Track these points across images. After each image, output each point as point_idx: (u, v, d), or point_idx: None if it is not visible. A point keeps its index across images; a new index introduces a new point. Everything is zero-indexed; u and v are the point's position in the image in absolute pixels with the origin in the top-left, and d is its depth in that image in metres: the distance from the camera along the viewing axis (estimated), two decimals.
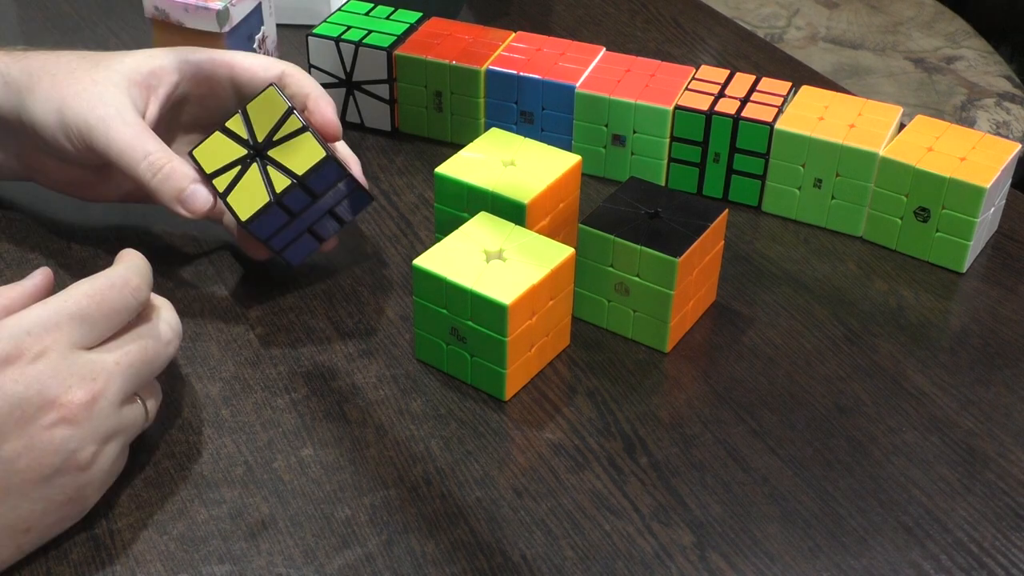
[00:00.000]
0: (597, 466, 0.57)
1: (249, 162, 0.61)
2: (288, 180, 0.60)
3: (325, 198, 0.62)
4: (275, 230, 0.62)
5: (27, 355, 0.48)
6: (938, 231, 0.69)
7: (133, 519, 0.53)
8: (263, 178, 0.61)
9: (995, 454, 0.58)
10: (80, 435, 0.49)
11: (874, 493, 0.56)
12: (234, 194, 0.61)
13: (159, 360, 0.53)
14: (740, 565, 0.52)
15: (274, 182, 0.61)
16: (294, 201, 0.61)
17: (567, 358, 0.63)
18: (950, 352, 0.64)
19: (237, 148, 0.62)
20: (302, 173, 0.60)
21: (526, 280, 0.58)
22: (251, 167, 0.61)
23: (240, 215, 0.61)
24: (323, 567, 0.52)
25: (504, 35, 0.80)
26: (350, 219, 0.65)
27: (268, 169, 0.61)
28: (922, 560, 0.53)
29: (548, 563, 0.52)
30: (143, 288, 0.53)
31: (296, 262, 0.65)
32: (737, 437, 0.58)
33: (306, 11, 0.94)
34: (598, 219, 0.62)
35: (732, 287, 0.68)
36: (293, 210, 0.62)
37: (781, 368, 0.63)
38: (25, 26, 0.95)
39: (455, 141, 0.80)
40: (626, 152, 0.76)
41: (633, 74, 0.76)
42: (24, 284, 0.54)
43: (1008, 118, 1.33)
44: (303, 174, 0.60)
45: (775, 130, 0.71)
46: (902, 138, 0.70)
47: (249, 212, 0.61)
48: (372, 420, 0.59)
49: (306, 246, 0.65)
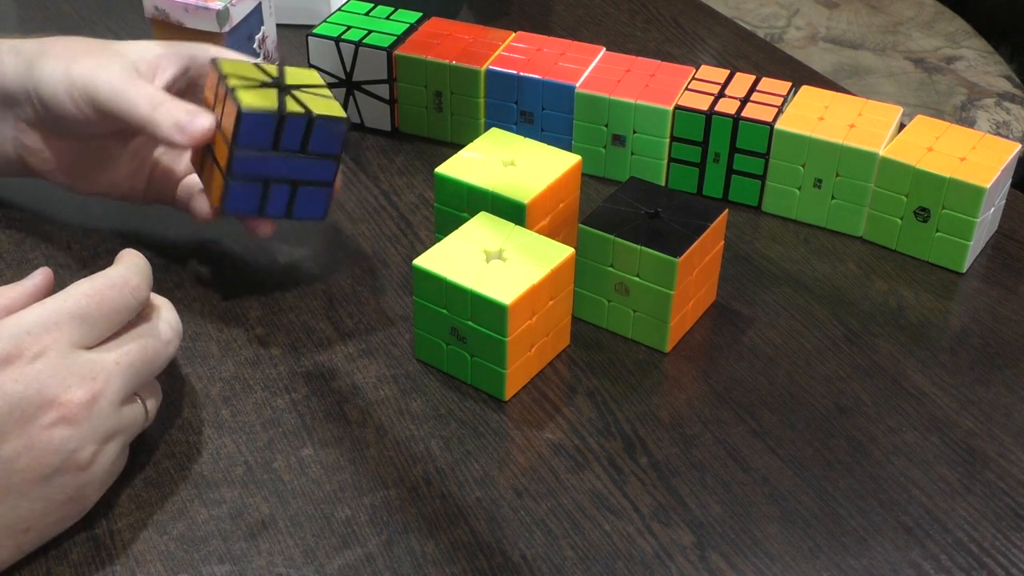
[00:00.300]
0: (597, 466, 0.57)
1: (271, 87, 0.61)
2: (302, 109, 0.60)
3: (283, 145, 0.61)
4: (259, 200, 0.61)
5: (27, 355, 0.48)
6: (938, 231, 0.69)
7: (133, 519, 0.53)
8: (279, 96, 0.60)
9: (995, 454, 0.58)
10: (80, 435, 0.49)
11: (874, 493, 0.56)
12: (203, 177, 0.62)
13: (159, 360, 0.53)
14: (740, 565, 0.52)
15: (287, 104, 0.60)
16: (247, 165, 0.60)
17: (567, 358, 0.63)
18: (950, 352, 0.64)
19: (262, 75, 0.62)
20: (316, 114, 0.60)
21: (526, 280, 0.58)
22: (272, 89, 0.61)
23: (212, 202, 0.61)
24: (323, 567, 0.52)
25: (504, 35, 0.80)
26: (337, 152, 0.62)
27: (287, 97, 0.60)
28: (922, 560, 0.53)
29: (548, 563, 0.52)
30: (143, 288, 0.53)
31: (319, 215, 0.63)
32: (737, 437, 0.58)
33: (306, 11, 0.94)
34: (598, 219, 0.62)
35: (732, 287, 0.68)
36: (255, 173, 0.60)
37: (781, 368, 0.63)
38: (25, 26, 0.95)
39: (455, 141, 0.80)
40: (626, 152, 0.76)
41: (633, 74, 0.76)
42: (24, 284, 0.54)
43: (1008, 118, 1.33)
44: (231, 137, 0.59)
45: (775, 130, 0.71)
46: (902, 138, 0.70)
47: (217, 196, 0.61)
48: (372, 420, 0.59)
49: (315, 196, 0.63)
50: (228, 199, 0.61)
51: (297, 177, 0.62)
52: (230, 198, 0.61)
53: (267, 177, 0.61)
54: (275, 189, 0.61)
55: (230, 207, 0.61)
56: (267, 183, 0.61)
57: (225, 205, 0.61)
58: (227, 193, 0.60)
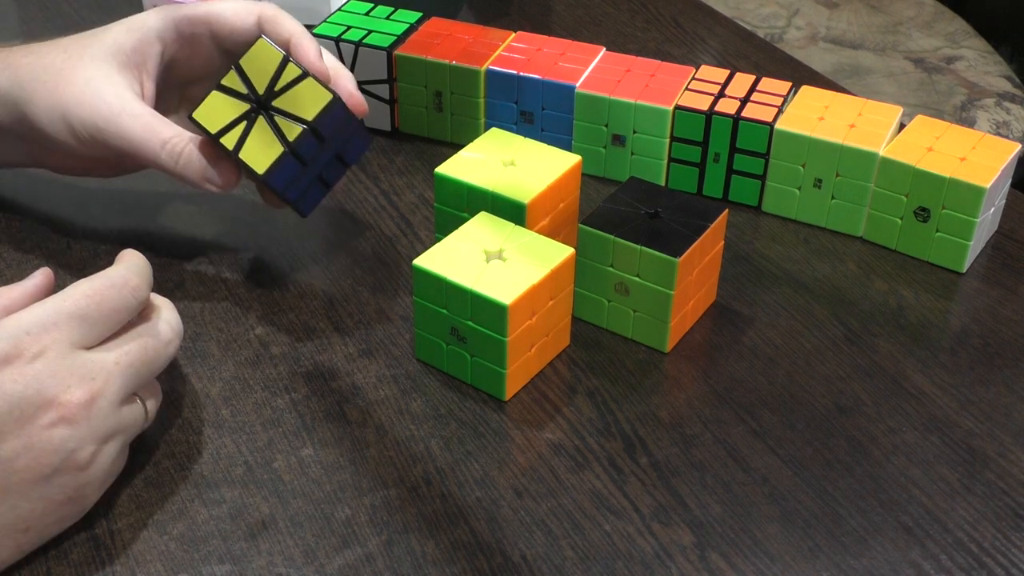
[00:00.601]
0: (597, 466, 0.57)
1: (255, 116, 0.61)
2: (299, 127, 0.60)
3: (335, 141, 0.63)
4: (290, 180, 0.62)
5: (26, 355, 0.48)
6: (938, 231, 0.69)
7: (133, 519, 0.53)
8: (272, 129, 0.61)
9: (995, 454, 0.58)
10: (79, 435, 0.49)
11: (874, 493, 0.56)
12: (246, 149, 0.61)
13: (159, 360, 0.53)
14: (740, 565, 0.52)
15: (285, 131, 0.61)
16: (306, 147, 0.61)
17: (567, 358, 0.63)
18: (950, 352, 0.64)
19: (239, 104, 0.61)
20: (312, 118, 0.60)
21: (526, 280, 0.58)
22: (258, 120, 0.61)
23: (257, 169, 0.61)
24: (323, 567, 0.52)
25: (504, 35, 0.80)
26: (354, 162, 0.66)
27: (276, 119, 0.61)
28: (922, 560, 0.53)
29: (548, 563, 0.52)
30: (143, 287, 0.53)
31: (308, 212, 0.65)
32: (737, 437, 0.58)
33: (306, 11, 0.94)
34: (598, 219, 0.62)
35: (732, 287, 0.68)
36: (306, 157, 0.62)
37: (781, 368, 0.63)
38: (25, 26, 0.95)
39: (455, 141, 0.80)
40: (626, 152, 0.76)
41: (633, 74, 0.76)
42: (25, 284, 0.54)
43: (1008, 118, 1.33)
44: (314, 119, 0.60)
45: (775, 130, 0.71)
46: (902, 138, 0.70)
47: (265, 165, 0.61)
48: (372, 420, 0.59)
49: (316, 194, 0.65)
50: (277, 171, 0.61)
51: (321, 172, 0.65)
52: (279, 169, 0.61)
53: (308, 163, 0.62)
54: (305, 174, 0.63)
55: (274, 179, 0.61)
56: (304, 167, 0.62)
57: (271, 176, 0.61)
58: (279, 164, 0.61)
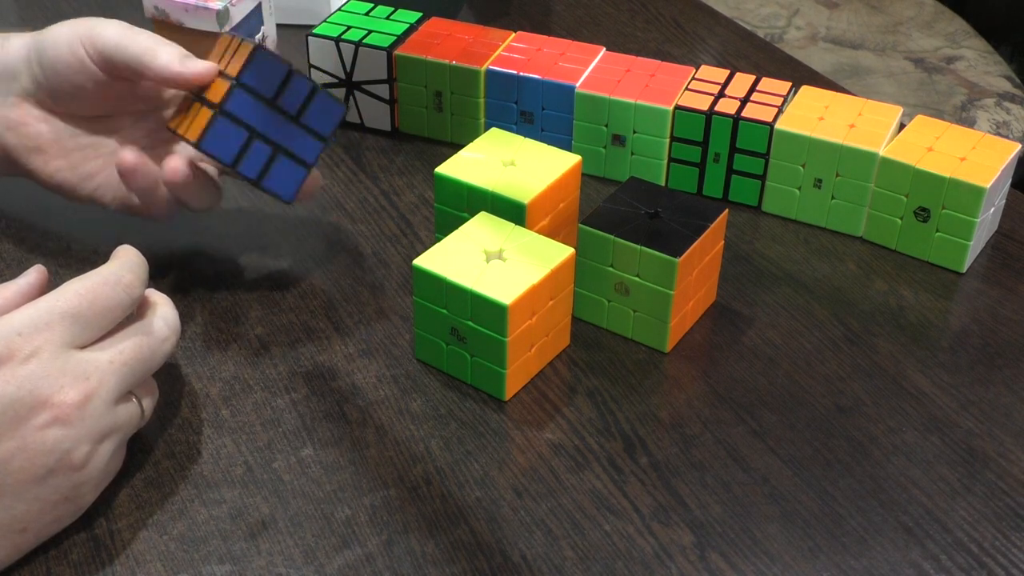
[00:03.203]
0: (597, 466, 0.57)
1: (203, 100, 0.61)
2: (226, 83, 0.60)
3: (281, 102, 0.61)
4: (238, 149, 0.61)
5: (18, 356, 0.48)
6: (938, 231, 0.69)
7: (133, 519, 0.53)
8: None
9: (995, 454, 0.58)
10: (74, 435, 0.49)
11: (874, 493, 0.56)
12: (184, 124, 0.61)
13: (155, 358, 0.53)
14: (740, 565, 0.52)
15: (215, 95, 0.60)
16: (241, 106, 0.60)
17: (567, 358, 0.63)
18: (950, 352, 0.64)
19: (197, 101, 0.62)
20: (236, 73, 0.60)
21: (526, 280, 0.58)
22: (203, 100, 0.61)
23: (190, 136, 0.61)
24: (323, 567, 0.52)
25: (504, 35, 0.80)
26: (328, 133, 0.63)
27: None
28: (922, 560, 0.52)
29: (548, 563, 0.52)
30: (136, 285, 0.53)
31: (288, 195, 0.63)
32: (737, 437, 0.58)
33: (306, 11, 0.94)
34: (598, 219, 0.62)
35: (732, 287, 0.68)
36: (245, 119, 0.60)
37: (781, 368, 0.63)
38: (25, 26, 0.94)
39: (455, 141, 0.80)
40: (626, 152, 0.76)
41: (633, 74, 0.76)
42: (19, 282, 0.54)
43: (1008, 118, 1.33)
44: (237, 72, 0.60)
45: (775, 130, 0.71)
46: (902, 138, 0.70)
47: (198, 130, 0.60)
48: (372, 420, 0.59)
49: (290, 173, 0.62)
50: (209, 134, 0.60)
51: (282, 143, 0.62)
52: (212, 133, 0.60)
53: (254, 129, 0.61)
54: (257, 145, 0.61)
55: (209, 144, 0.60)
56: (252, 136, 0.61)
57: (204, 141, 0.60)
58: (211, 127, 0.60)
